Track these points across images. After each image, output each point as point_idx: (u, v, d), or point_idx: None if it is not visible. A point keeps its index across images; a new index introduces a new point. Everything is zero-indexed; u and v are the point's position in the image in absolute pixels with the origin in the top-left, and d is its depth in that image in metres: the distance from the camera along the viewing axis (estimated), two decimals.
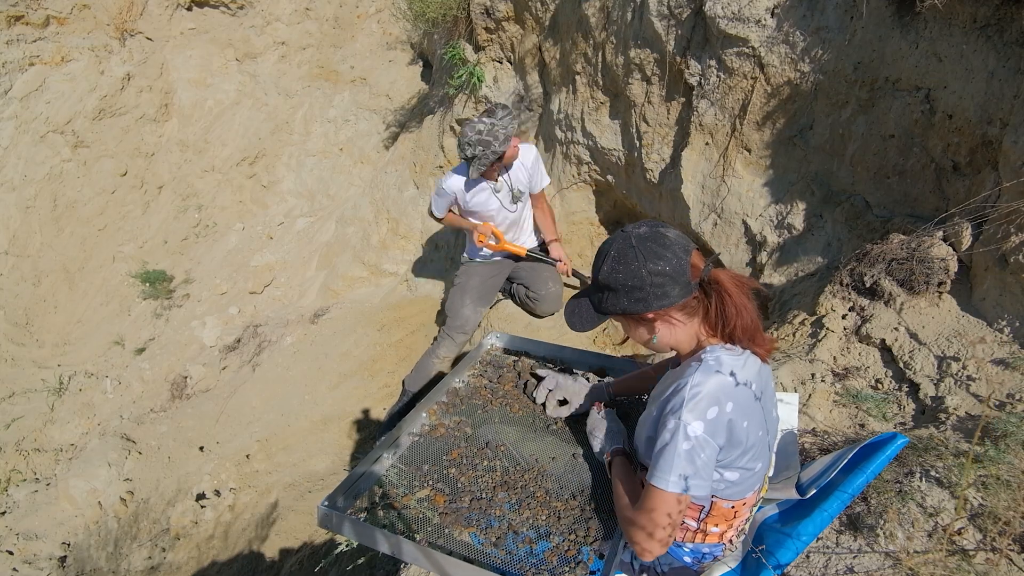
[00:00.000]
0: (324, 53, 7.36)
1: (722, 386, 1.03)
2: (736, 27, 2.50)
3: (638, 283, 1.06)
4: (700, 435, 1.02)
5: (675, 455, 1.02)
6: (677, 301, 1.07)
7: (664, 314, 1.10)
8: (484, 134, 2.75)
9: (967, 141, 1.96)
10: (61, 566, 3.94)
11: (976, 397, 1.69)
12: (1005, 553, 1.27)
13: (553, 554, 1.16)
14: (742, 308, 1.08)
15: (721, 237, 2.98)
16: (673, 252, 1.06)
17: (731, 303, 1.08)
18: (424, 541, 1.18)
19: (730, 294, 1.08)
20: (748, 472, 1.13)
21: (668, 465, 1.03)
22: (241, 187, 7.26)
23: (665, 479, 1.03)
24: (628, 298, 1.08)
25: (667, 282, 1.06)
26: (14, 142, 6.96)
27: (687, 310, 1.11)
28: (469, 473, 1.35)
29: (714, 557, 1.28)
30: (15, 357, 6.44)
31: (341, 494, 1.30)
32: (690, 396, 1.03)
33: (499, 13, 4.13)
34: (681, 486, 1.03)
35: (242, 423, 4.32)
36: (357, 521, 1.22)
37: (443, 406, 1.61)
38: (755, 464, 1.14)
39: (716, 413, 1.02)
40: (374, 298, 5.25)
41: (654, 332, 1.13)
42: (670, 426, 1.03)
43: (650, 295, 1.06)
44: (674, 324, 1.12)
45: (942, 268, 1.93)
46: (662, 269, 1.05)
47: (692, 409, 1.02)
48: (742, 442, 1.07)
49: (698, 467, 1.03)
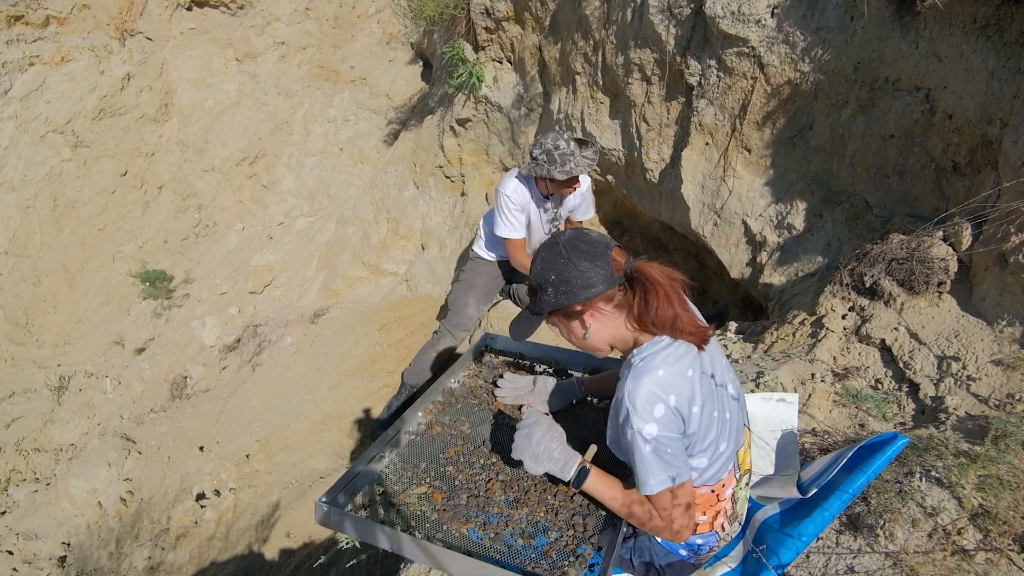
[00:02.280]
0: (324, 53, 7.36)
1: (656, 383, 1.07)
2: (736, 27, 2.51)
3: (564, 277, 1.13)
4: (657, 435, 1.06)
5: (645, 462, 1.07)
6: (602, 292, 1.13)
7: (591, 305, 1.15)
8: (556, 152, 2.55)
9: (967, 141, 1.96)
10: (61, 566, 3.94)
11: (976, 397, 1.69)
12: (1005, 553, 1.27)
13: (552, 548, 1.16)
14: (664, 298, 1.11)
15: (721, 237, 2.98)
16: (594, 247, 1.14)
17: (653, 292, 1.12)
18: (424, 536, 1.18)
19: (653, 283, 1.12)
20: (716, 454, 1.16)
21: (645, 473, 1.08)
22: (241, 187, 7.26)
23: (650, 485, 1.08)
24: (556, 292, 1.15)
25: (590, 274, 1.12)
26: (14, 142, 6.96)
27: (614, 302, 1.16)
28: (466, 471, 1.35)
29: (709, 547, 1.28)
30: (15, 357, 6.44)
31: (339, 491, 1.30)
32: (631, 403, 1.07)
33: (499, 13, 4.13)
34: (666, 484, 1.08)
35: (242, 423, 4.32)
36: (356, 518, 1.22)
37: (439, 405, 1.61)
38: (720, 445, 1.17)
39: (663, 410, 1.07)
40: (374, 298, 5.25)
41: (586, 327, 1.18)
42: (629, 437, 1.08)
43: (575, 287, 1.13)
44: (603, 317, 1.17)
45: (942, 268, 1.93)
46: (586, 263, 1.13)
47: (639, 415, 1.06)
48: (696, 428, 1.11)
49: (669, 460, 1.08)
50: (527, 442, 1.21)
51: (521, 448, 1.21)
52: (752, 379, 2.01)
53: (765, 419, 1.73)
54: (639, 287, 1.14)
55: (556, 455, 1.21)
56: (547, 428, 1.24)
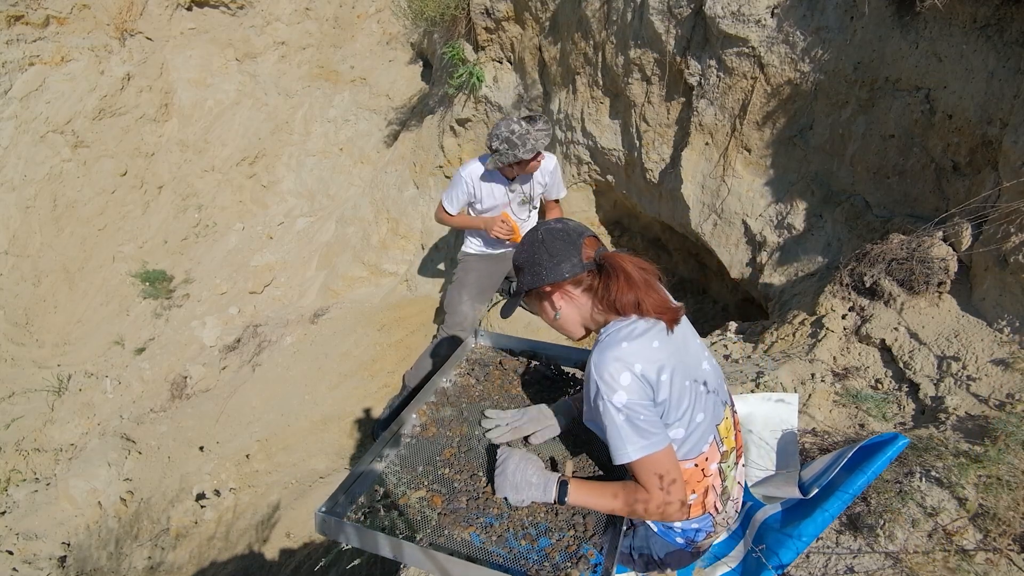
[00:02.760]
0: (324, 53, 7.36)
1: (620, 354, 1.12)
2: (736, 27, 2.51)
3: (537, 259, 1.24)
4: (627, 401, 1.10)
5: (619, 430, 1.11)
6: (569, 275, 1.22)
7: (559, 287, 1.25)
8: (514, 136, 2.68)
9: (967, 141, 1.96)
10: (61, 566, 3.94)
11: (976, 397, 1.69)
12: (1005, 553, 1.27)
13: (554, 550, 1.16)
14: (624, 282, 1.18)
15: (721, 237, 2.98)
16: (567, 235, 1.25)
17: (615, 276, 1.19)
18: (425, 542, 1.18)
19: (616, 269, 1.20)
20: (692, 425, 1.18)
21: (620, 442, 1.11)
22: (241, 187, 7.26)
23: (626, 453, 1.11)
24: (530, 274, 1.26)
25: (560, 257, 1.22)
26: (14, 142, 6.96)
27: (582, 286, 1.25)
28: (464, 473, 1.35)
29: (706, 533, 1.28)
30: (15, 357, 6.44)
31: (338, 499, 1.29)
32: (598, 375, 1.12)
33: (499, 13, 4.13)
34: (644, 450, 1.10)
35: (242, 423, 4.32)
36: (356, 526, 1.22)
37: (432, 406, 1.61)
38: (697, 415, 1.19)
39: (629, 378, 1.11)
40: (374, 298, 5.25)
41: (556, 308, 1.28)
42: (601, 409, 1.12)
43: (545, 269, 1.23)
44: (572, 299, 1.26)
45: (942, 268, 1.93)
46: (557, 248, 1.23)
47: (607, 384, 1.11)
48: (667, 396, 1.14)
49: (644, 427, 1.11)
50: (503, 478, 1.23)
51: (500, 486, 1.23)
52: (752, 379, 2.01)
53: (765, 419, 1.73)
54: (604, 273, 1.22)
55: (534, 480, 1.22)
56: (519, 458, 1.25)
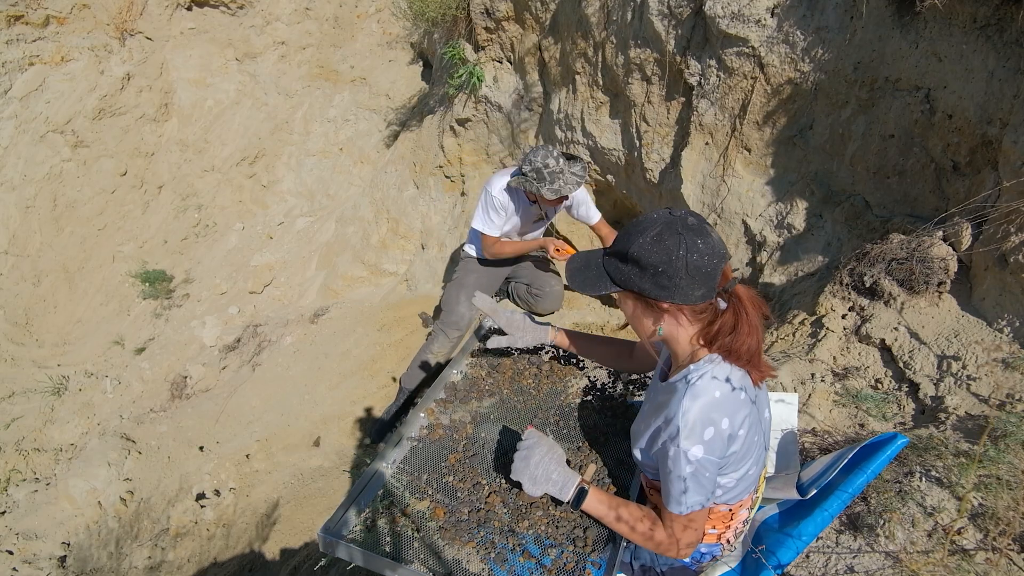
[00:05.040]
0: (324, 53, 7.35)
1: (712, 405, 1.03)
2: (736, 27, 2.50)
3: (670, 270, 1.01)
4: (701, 458, 1.03)
5: (684, 483, 1.05)
6: (698, 302, 1.04)
7: (678, 310, 1.07)
8: (546, 171, 2.58)
9: (967, 141, 1.96)
10: (61, 566, 3.94)
11: (976, 397, 1.69)
12: (1005, 553, 1.27)
13: (554, 567, 1.16)
14: (752, 329, 1.06)
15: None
16: (713, 251, 1.01)
17: (745, 320, 1.05)
18: (425, 562, 1.18)
19: (747, 312, 1.05)
20: (746, 477, 1.15)
21: (679, 491, 1.06)
22: (241, 187, 7.26)
23: (679, 505, 1.06)
24: (653, 281, 1.03)
25: (697, 279, 1.01)
26: (14, 142, 6.96)
27: (699, 314, 1.08)
28: (467, 482, 1.34)
29: (712, 556, 1.29)
30: (15, 357, 6.44)
31: (341, 516, 1.30)
32: (683, 424, 1.02)
33: (499, 13, 4.13)
34: (695, 506, 1.07)
35: (242, 423, 4.32)
36: (359, 548, 1.22)
37: (441, 403, 1.60)
38: (751, 468, 1.15)
39: (712, 433, 1.03)
40: (374, 298, 5.25)
41: (660, 324, 1.10)
42: (671, 454, 1.04)
43: (676, 286, 1.02)
44: (680, 324, 1.09)
45: (942, 268, 1.93)
46: (698, 264, 1.00)
47: (688, 436, 1.02)
48: (738, 449, 1.09)
49: (705, 484, 1.06)
50: (525, 464, 1.18)
51: (519, 470, 1.19)
52: None
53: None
54: (731, 309, 1.06)
55: (555, 477, 1.18)
56: (546, 450, 1.20)
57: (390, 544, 1.23)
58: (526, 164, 2.66)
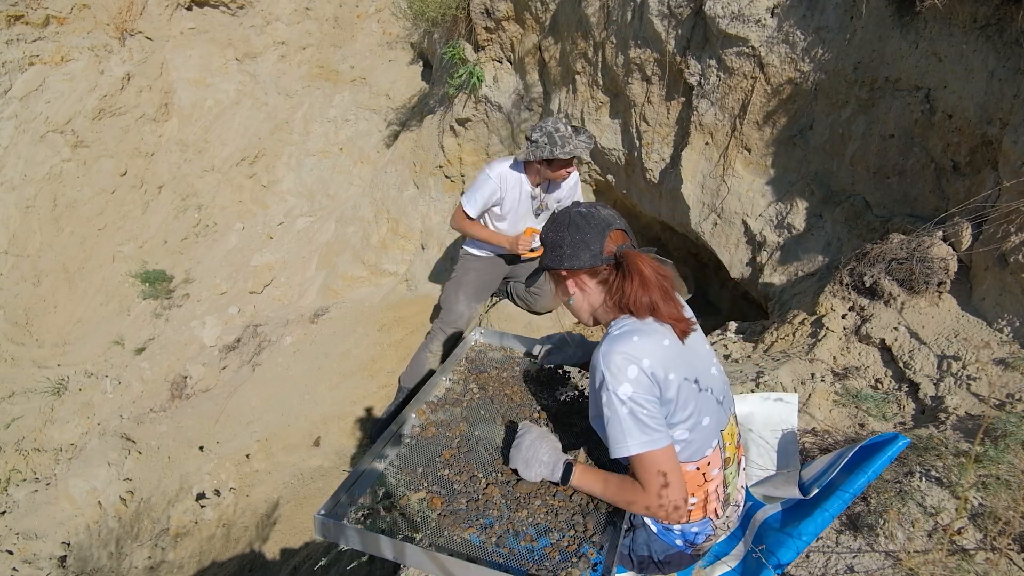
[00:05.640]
0: (324, 53, 7.36)
1: (629, 347, 1.12)
2: (736, 27, 2.50)
3: (559, 241, 1.25)
4: (632, 394, 1.10)
5: (622, 422, 1.11)
6: (585, 265, 1.23)
7: (574, 275, 1.27)
8: (557, 134, 2.68)
9: (967, 141, 1.96)
10: (61, 566, 3.94)
11: (976, 397, 1.69)
12: (1005, 553, 1.27)
13: (554, 550, 1.16)
14: (639, 284, 1.17)
15: (721, 237, 2.98)
16: (593, 225, 1.23)
17: (631, 277, 1.18)
18: (425, 543, 1.17)
19: (633, 271, 1.19)
20: (698, 428, 1.18)
21: (621, 434, 1.11)
22: (241, 187, 7.26)
23: (625, 446, 1.11)
24: (551, 255, 1.27)
25: (580, 247, 1.22)
26: (14, 142, 6.96)
27: (598, 278, 1.26)
28: (464, 475, 1.35)
29: (706, 536, 1.28)
30: (15, 357, 6.44)
31: (338, 500, 1.29)
32: (605, 366, 1.12)
33: (499, 13, 4.13)
34: (645, 446, 1.10)
35: (242, 423, 4.32)
36: (356, 528, 1.21)
37: (432, 405, 1.61)
38: (702, 419, 1.19)
39: (636, 371, 1.10)
40: (374, 298, 5.25)
41: (569, 293, 1.30)
42: (604, 400, 1.13)
43: (565, 254, 1.24)
44: (585, 289, 1.28)
45: (942, 268, 1.93)
46: (579, 236, 1.23)
47: (613, 376, 1.11)
48: (674, 395, 1.14)
49: (647, 423, 1.10)
50: (517, 450, 1.29)
51: (513, 457, 1.29)
52: (752, 379, 2.01)
53: (765, 419, 1.73)
54: (623, 271, 1.21)
55: (545, 459, 1.26)
56: (536, 435, 1.30)
57: (388, 530, 1.22)
58: (536, 131, 2.73)
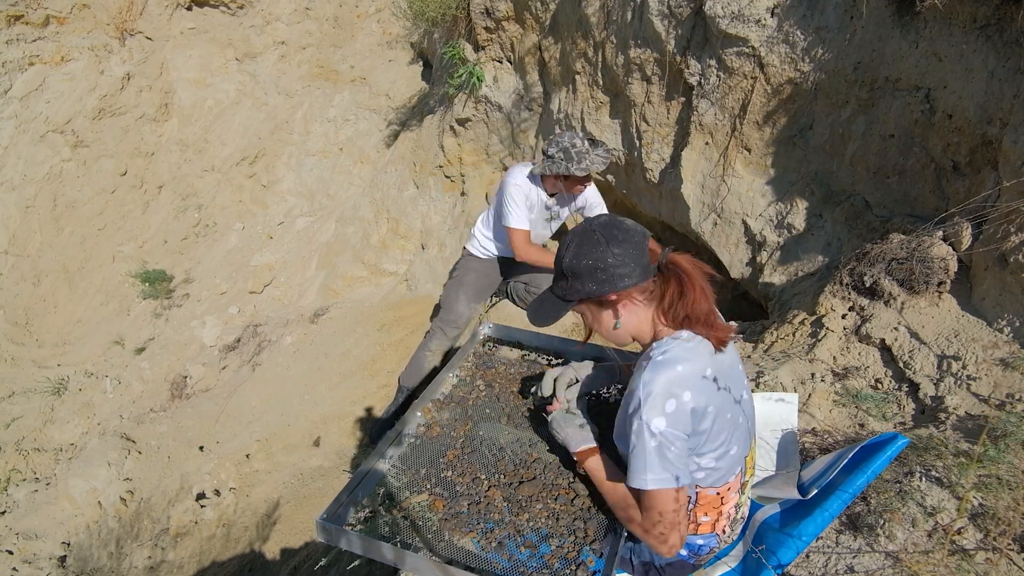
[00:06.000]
0: (324, 53, 7.36)
1: (673, 378, 1.05)
2: (736, 27, 2.50)
3: (602, 265, 1.10)
4: (664, 430, 1.04)
5: (646, 455, 1.05)
6: (639, 282, 1.10)
7: (626, 295, 1.13)
8: (574, 150, 2.61)
9: (967, 141, 1.96)
10: (61, 565, 3.94)
11: (976, 397, 1.69)
12: (1005, 553, 1.27)
13: (554, 557, 1.16)
14: (700, 291, 1.10)
15: (721, 237, 2.98)
16: (631, 235, 1.11)
17: (689, 284, 1.10)
18: (426, 549, 1.18)
19: (689, 276, 1.11)
20: (725, 456, 1.15)
21: (642, 465, 1.06)
22: (241, 187, 7.26)
23: (643, 479, 1.06)
24: (593, 280, 1.11)
25: (629, 262, 1.09)
26: (14, 142, 6.96)
27: (647, 293, 1.14)
28: (466, 476, 1.35)
29: (709, 548, 1.28)
30: (15, 357, 6.44)
31: (339, 505, 1.29)
32: (645, 395, 1.05)
33: (499, 13, 4.13)
34: (665, 483, 1.05)
35: (242, 423, 4.32)
36: (357, 534, 1.21)
37: (438, 404, 1.60)
38: (731, 448, 1.15)
39: (675, 406, 1.04)
40: (374, 298, 5.25)
41: (618, 316, 1.16)
42: (635, 428, 1.06)
43: (614, 275, 1.10)
44: (636, 307, 1.15)
45: (942, 268, 1.93)
46: (624, 251, 1.10)
47: (650, 407, 1.04)
48: (708, 427, 1.09)
49: (671, 460, 1.05)
50: (562, 415, 1.29)
51: (557, 420, 1.29)
52: (752, 379, 2.01)
53: (765, 419, 1.73)
54: (674, 279, 1.12)
55: (576, 429, 1.26)
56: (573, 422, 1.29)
57: (389, 533, 1.22)
58: (552, 147, 2.67)
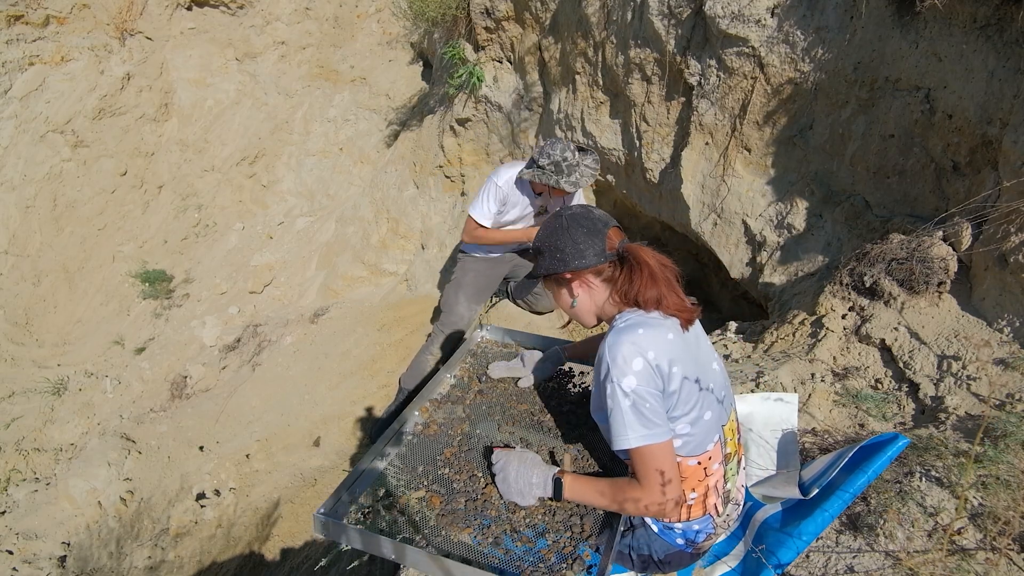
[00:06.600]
0: (324, 53, 7.36)
1: (636, 339, 1.12)
2: (736, 27, 2.51)
3: (560, 245, 1.24)
4: (636, 387, 1.10)
5: (623, 415, 1.11)
6: (592, 264, 1.22)
7: (580, 275, 1.25)
8: (564, 163, 2.61)
9: (967, 141, 1.96)
10: (61, 565, 3.94)
11: (976, 397, 1.69)
12: (1005, 553, 1.27)
13: (551, 551, 1.17)
14: (648, 278, 1.18)
15: (721, 237, 2.98)
16: (592, 223, 1.24)
17: (639, 271, 1.19)
18: (424, 543, 1.18)
19: (640, 263, 1.20)
20: (700, 422, 1.18)
21: (622, 426, 1.11)
22: (241, 187, 7.26)
23: (626, 438, 1.11)
24: (552, 258, 1.25)
25: (583, 246, 1.22)
26: (14, 142, 6.96)
27: (602, 276, 1.25)
28: (464, 474, 1.35)
29: (706, 535, 1.28)
30: (15, 357, 6.44)
31: (337, 500, 1.30)
32: (611, 358, 1.12)
33: (499, 13, 4.13)
34: (645, 439, 1.10)
35: (242, 423, 4.32)
36: (356, 528, 1.22)
37: (435, 403, 1.62)
38: (703, 413, 1.19)
39: (642, 364, 1.11)
40: (374, 298, 5.25)
41: (573, 295, 1.28)
42: (608, 391, 1.13)
43: (568, 255, 1.23)
44: (591, 288, 1.27)
45: (942, 268, 1.93)
46: (582, 236, 1.23)
47: (619, 368, 1.11)
48: (677, 389, 1.14)
49: (648, 416, 1.10)
50: (506, 485, 1.26)
51: (505, 492, 1.27)
52: (752, 379, 2.01)
53: (765, 419, 1.73)
54: (626, 265, 1.22)
55: (535, 481, 1.24)
56: (518, 461, 1.27)
57: (387, 529, 1.23)
58: (543, 157, 2.66)
